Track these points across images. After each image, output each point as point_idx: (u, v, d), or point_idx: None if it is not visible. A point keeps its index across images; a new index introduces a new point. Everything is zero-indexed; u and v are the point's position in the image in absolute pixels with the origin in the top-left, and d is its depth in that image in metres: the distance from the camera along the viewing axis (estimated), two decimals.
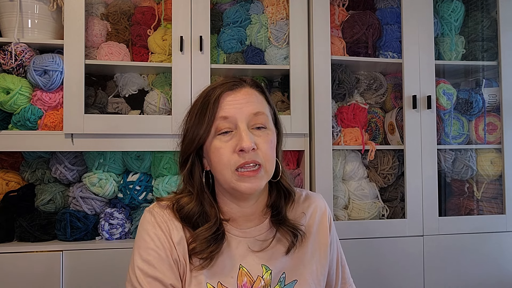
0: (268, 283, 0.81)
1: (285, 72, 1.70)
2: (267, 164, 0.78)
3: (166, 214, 0.82)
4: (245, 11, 1.69)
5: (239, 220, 0.84)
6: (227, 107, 0.78)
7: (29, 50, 1.51)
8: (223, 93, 0.79)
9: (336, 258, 0.93)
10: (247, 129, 0.77)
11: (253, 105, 0.80)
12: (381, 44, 1.75)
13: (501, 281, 1.71)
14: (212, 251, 0.78)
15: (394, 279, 1.63)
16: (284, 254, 0.84)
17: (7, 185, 1.58)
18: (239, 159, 0.76)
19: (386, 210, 1.72)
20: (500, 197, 1.77)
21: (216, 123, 0.78)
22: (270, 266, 0.82)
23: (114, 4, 1.67)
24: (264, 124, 0.80)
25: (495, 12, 1.81)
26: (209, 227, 0.79)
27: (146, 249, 0.78)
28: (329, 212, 0.93)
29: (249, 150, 0.75)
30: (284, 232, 0.84)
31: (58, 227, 1.53)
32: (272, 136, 0.81)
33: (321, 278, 0.87)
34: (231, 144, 0.77)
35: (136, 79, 1.68)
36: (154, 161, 1.63)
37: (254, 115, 0.79)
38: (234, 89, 0.81)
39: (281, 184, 0.86)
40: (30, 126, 1.49)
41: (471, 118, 1.82)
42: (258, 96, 0.83)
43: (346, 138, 1.70)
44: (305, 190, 0.95)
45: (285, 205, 0.86)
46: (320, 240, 0.89)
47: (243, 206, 0.84)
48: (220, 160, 0.77)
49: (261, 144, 0.78)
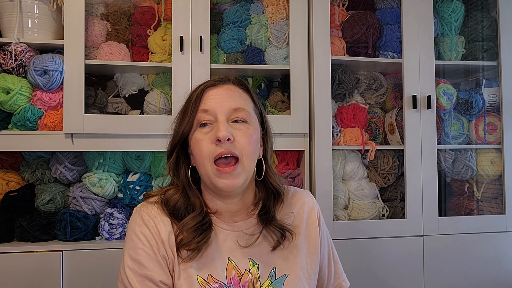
0: (256, 277, 0.82)
1: (285, 72, 1.70)
2: (244, 158, 0.80)
3: (153, 210, 0.83)
4: (245, 11, 1.69)
5: (225, 215, 0.86)
6: (208, 101, 0.82)
7: (29, 50, 1.51)
8: (206, 89, 0.84)
9: (327, 254, 0.94)
10: (225, 121, 0.80)
11: (234, 100, 0.82)
12: (381, 44, 1.75)
13: (501, 281, 1.71)
14: (199, 241, 0.79)
15: (394, 279, 1.63)
16: (270, 251, 0.85)
17: (7, 185, 1.58)
18: (216, 149, 0.78)
19: (386, 210, 1.72)
20: (500, 197, 1.77)
21: (198, 116, 0.82)
22: (256, 260, 0.83)
23: (114, 4, 1.67)
24: (244, 118, 0.82)
25: (495, 12, 1.81)
26: (194, 216, 0.81)
27: (135, 249, 0.80)
28: (318, 208, 0.94)
29: (224, 140, 0.77)
30: (270, 231, 0.85)
31: (58, 227, 1.53)
32: (253, 131, 0.83)
33: (312, 273, 0.87)
34: (210, 135, 0.80)
35: (136, 79, 1.68)
36: (154, 161, 1.63)
37: (234, 110, 0.82)
38: (217, 85, 0.85)
39: (270, 183, 0.87)
40: (30, 126, 1.49)
41: (471, 118, 1.82)
42: (241, 93, 0.85)
43: (346, 138, 1.70)
44: (293, 187, 0.96)
45: (274, 205, 0.87)
46: (310, 236, 0.89)
47: (227, 203, 0.85)
48: (200, 151, 0.80)
49: (239, 137, 0.80)
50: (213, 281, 0.79)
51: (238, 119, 0.82)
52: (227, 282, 0.80)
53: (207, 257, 0.81)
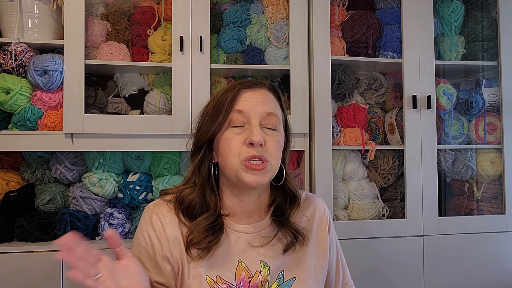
0: (266, 278, 0.83)
1: (285, 72, 1.70)
2: (273, 161, 0.82)
3: (163, 209, 0.85)
4: (245, 11, 1.69)
5: (239, 216, 0.86)
6: (243, 102, 0.82)
7: (29, 50, 1.51)
8: (242, 90, 0.84)
9: (336, 259, 0.94)
10: (258, 125, 0.81)
11: (268, 106, 0.84)
12: (381, 44, 1.75)
13: (501, 281, 1.71)
14: (210, 241, 0.80)
15: (394, 279, 1.63)
16: (282, 252, 0.85)
17: (7, 185, 1.58)
18: (248, 151, 0.79)
19: (386, 210, 1.72)
20: (500, 197, 1.77)
21: (231, 115, 0.82)
22: (268, 262, 0.84)
23: (114, 4, 1.67)
24: (275, 125, 0.84)
25: (495, 12, 1.81)
26: (207, 216, 0.82)
27: (138, 247, 0.83)
28: (328, 213, 0.95)
29: (258, 145, 0.79)
30: (285, 233, 0.86)
31: (58, 227, 1.53)
32: (281, 138, 0.85)
33: (320, 278, 0.88)
34: (241, 136, 0.81)
35: (136, 79, 1.68)
36: (154, 161, 1.63)
37: (268, 115, 0.83)
38: (253, 87, 0.85)
39: (287, 188, 0.89)
40: (30, 126, 1.49)
41: (471, 118, 1.82)
42: (273, 100, 0.87)
43: (346, 138, 1.70)
44: (305, 192, 0.97)
45: (289, 209, 0.88)
46: (320, 241, 0.91)
47: (244, 202, 0.86)
48: (229, 149, 0.80)
49: (269, 142, 0.82)
50: (221, 281, 0.80)
51: (269, 126, 0.83)
52: (236, 283, 0.81)
53: (217, 258, 0.82)
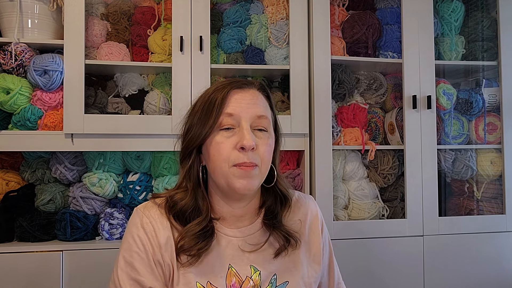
0: (258, 283, 0.81)
1: (285, 72, 1.70)
2: (262, 165, 0.80)
3: (154, 213, 0.82)
4: (245, 11, 1.69)
5: (229, 220, 0.85)
6: (233, 105, 0.80)
7: (29, 50, 1.51)
8: (231, 91, 0.81)
9: (328, 260, 0.93)
10: (249, 128, 0.79)
11: (259, 107, 0.81)
12: (381, 44, 1.75)
13: (501, 281, 1.71)
14: (200, 248, 0.78)
15: (394, 279, 1.63)
16: (273, 257, 0.84)
17: (7, 185, 1.58)
18: (239, 156, 0.77)
19: (386, 210, 1.72)
20: (500, 197, 1.77)
21: (221, 118, 0.79)
22: (258, 267, 0.82)
23: (114, 4, 1.67)
24: (266, 127, 0.82)
25: (495, 12, 1.81)
26: (199, 222, 0.80)
27: (130, 252, 0.79)
28: (321, 215, 0.93)
29: (249, 149, 0.77)
30: (276, 236, 0.84)
31: (58, 227, 1.53)
32: (271, 140, 0.83)
33: (312, 281, 0.87)
34: (232, 140, 0.78)
35: (136, 79, 1.68)
36: (154, 161, 1.63)
37: (258, 118, 0.80)
38: (243, 88, 0.82)
39: (278, 189, 0.87)
40: (30, 126, 1.49)
41: (471, 118, 1.82)
42: (263, 100, 0.84)
43: (346, 138, 1.70)
44: (297, 192, 0.95)
45: (281, 210, 0.86)
46: (312, 243, 0.89)
47: (234, 207, 0.84)
48: (219, 154, 0.78)
49: (260, 146, 0.80)
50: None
51: (260, 128, 0.81)
52: None
53: (207, 264, 0.80)
